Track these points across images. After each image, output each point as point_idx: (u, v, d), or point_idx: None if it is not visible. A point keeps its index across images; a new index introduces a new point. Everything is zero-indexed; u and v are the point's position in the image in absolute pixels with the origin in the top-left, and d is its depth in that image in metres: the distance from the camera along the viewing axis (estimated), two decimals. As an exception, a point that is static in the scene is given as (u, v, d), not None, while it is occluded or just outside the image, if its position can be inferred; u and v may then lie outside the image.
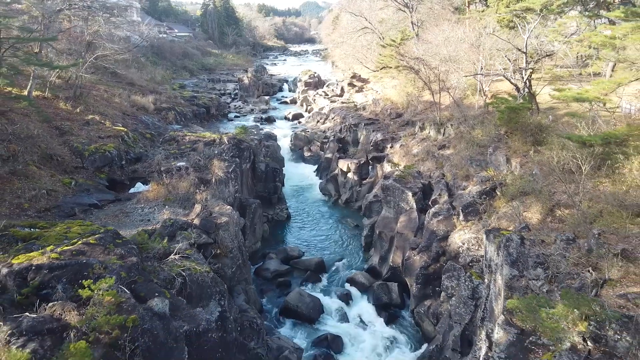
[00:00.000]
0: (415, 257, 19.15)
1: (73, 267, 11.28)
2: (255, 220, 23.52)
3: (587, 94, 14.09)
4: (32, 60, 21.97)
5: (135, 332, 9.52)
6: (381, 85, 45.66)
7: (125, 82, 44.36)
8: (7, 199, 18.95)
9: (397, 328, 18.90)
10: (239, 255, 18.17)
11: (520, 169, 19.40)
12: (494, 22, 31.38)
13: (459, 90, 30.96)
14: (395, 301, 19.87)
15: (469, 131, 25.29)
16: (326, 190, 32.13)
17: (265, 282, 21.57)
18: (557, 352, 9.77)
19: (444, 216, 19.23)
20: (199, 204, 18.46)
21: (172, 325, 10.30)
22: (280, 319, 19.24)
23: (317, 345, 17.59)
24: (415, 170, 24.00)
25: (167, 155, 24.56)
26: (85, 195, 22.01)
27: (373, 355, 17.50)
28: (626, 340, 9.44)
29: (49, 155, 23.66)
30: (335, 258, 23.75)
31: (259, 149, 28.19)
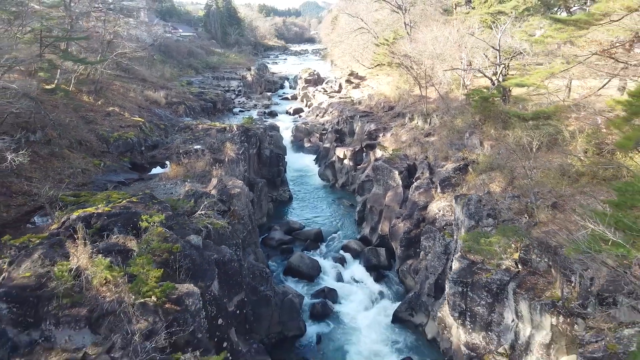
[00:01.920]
0: (399, 224, 22.41)
1: (125, 215, 14.51)
2: (261, 197, 26.77)
3: (526, 80, 17.32)
4: (68, 56, 25.15)
5: (179, 256, 12.76)
6: (376, 82, 48.94)
7: (137, 79, 47.61)
8: (50, 175, 22.13)
9: (384, 284, 22.17)
10: (249, 222, 21.39)
11: (491, 150, 22.67)
12: (477, 23, 34.63)
13: (445, 85, 34.19)
14: (383, 263, 23.13)
15: (451, 120, 28.53)
16: (324, 175, 35.39)
17: (271, 249, 24.83)
18: (494, 271, 13.03)
19: (424, 189, 22.49)
20: (215, 178, 21.67)
21: (205, 254, 13.56)
22: (284, 277, 22.48)
23: (316, 296, 20.87)
24: (402, 154, 27.26)
25: (184, 140, 27.77)
26: (114, 175, 25.20)
27: (363, 305, 20.77)
28: (545, 261, 12.70)
29: (78, 141, 26.84)
30: (332, 230, 27.05)
31: (264, 137, 31.42)
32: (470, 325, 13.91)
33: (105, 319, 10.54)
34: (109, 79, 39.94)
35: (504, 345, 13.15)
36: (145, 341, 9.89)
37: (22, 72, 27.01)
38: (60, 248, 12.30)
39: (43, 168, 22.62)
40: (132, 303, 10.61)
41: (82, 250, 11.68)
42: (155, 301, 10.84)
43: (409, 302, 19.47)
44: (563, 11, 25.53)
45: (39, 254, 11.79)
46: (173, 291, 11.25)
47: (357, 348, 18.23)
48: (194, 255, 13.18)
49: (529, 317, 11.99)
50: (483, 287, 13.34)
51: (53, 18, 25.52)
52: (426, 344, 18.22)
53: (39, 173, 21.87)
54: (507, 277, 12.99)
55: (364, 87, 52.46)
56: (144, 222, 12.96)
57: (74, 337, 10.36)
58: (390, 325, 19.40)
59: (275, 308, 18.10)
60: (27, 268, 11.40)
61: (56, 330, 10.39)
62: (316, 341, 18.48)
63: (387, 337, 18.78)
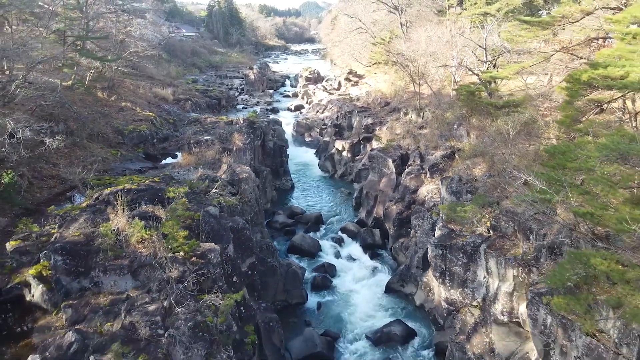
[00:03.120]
0: (392, 207, 24.64)
1: (151, 190, 16.75)
2: (266, 184, 29.00)
3: (500, 74, 19.53)
4: (88, 54, 27.38)
5: (201, 222, 14.99)
6: (374, 80, 51.17)
7: (146, 76, 49.85)
8: (74, 163, 24.34)
9: (378, 261, 24.42)
10: (255, 204, 23.60)
11: (476, 139, 24.89)
12: (468, 24, 36.84)
13: (437, 82, 36.43)
14: (378, 242, 25.37)
15: (442, 114, 30.77)
16: (324, 167, 37.64)
17: (275, 231, 27.06)
18: (469, 236, 15.27)
19: (415, 175, 24.73)
20: (225, 164, 23.89)
21: (221, 222, 15.80)
22: (287, 255, 24.68)
23: (317, 270, 23.11)
24: (396, 144, 29.50)
25: (194, 132, 29.99)
26: (130, 163, 27.43)
27: (359, 278, 23.00)
28: (511, 227, 14.93)
29: (96, 133, 29.06)
30: (331, 214, 29.31)
31: (268, 129, 33.62)
32: (449, 283, 16.15)
33: (143, 268, 12.77)
34: (120, 76, 42.20)
35: (477, 299, 15.40)
36: (177, 284, 12.11)
37: (46, 69, 29.24)
38: (101, 214, 14.53)
39: (67, 156, 24.89)
40: (165, 256, 12.84)
41: (120, 215, 13.92)
42: (183, 255, 13.08)
43: (400, 274, 21.70)
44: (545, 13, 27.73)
45: (84, 218, 14.05)
46: (198, 248, 13.49)
47: (352, 314, 20.46)
48: (213, 223, 15.42)
49: (496, 272, 14.20)
50: (459, 249, 15.58)
51: (75, 19, 27.71)
52: (415, 309, 20.45)
53: (64, 160, 24.14)
54: (479, 240, 15.22)
55: (362, 85, 54.66)
56: (171, 193, 15.21)
57: (118, 282, 12.60)
58: (383, 295, 21.62)
59: (280, 278, 20.33)
60: (75, 229, 13.65)
61: (104, 277, 12.62)
62: (317, 308, 20.72)
63: (380, 305, 21.02)
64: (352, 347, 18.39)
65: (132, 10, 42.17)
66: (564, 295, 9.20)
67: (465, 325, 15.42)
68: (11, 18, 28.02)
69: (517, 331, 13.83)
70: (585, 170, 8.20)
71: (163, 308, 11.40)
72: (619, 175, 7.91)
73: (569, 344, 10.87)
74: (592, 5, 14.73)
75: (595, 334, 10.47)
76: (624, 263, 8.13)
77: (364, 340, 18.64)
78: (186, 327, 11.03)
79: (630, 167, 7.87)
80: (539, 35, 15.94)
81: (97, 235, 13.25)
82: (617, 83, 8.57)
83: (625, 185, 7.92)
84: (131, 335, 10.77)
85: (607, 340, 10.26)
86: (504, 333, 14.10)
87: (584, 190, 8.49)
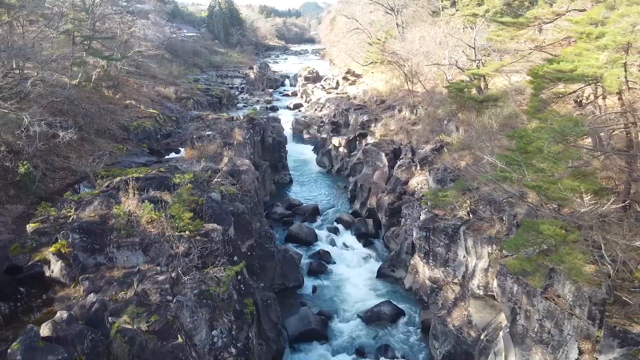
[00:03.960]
0: (384, 198, 26.01)
1: (158, 178, 18.14)
2: (265, 178, 30.38)
3: (481, 71, 20.89)
4: (96, 53, 28.77)
5: (204, 206, 16.37)
6: (371, 79, 52.53)
7: (149, 76, 51.28)
8: (83, 156, 25.72)
9: (371, 249, 25.80)
10: (255, 195, 24.95)
11: (464, 133, 26.26)
12: (460, 24, 38.21)
13: (431, 80, 37.81)
14: (371, 231, 26.75)
15: (434, 110, 32.15)
16: (322, 162, 39.04)
17: (274, 222, 28.43)
18: (450, 219, 16.65)
19: (406, 167, 26.10)
20: (226, 157, 25.27)
21: (223, 206, 17.18)
22: (285, 243, 26.04)
23: (313, 257, 24.49)
24: (390, 139, 30.88)
25: (196, 128, 31.39)
26: (136, 157, 28.79)
27: (353, 264, 24.38)
28: (488, 210, 16.30)
29: (102, 129, 30.44)
30: (327, 206, 30.70)
31: (267, 126, 35.02)
32: (433, 263, 17.53)
33: (153, 245, 14.15)
34: (125, 75, 43.63)
35: (458, 277, 16.77)
36: (183, 258, 13.49)
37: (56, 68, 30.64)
38: (114, 198, 15.91)
39: (77, 150, 26.31)
40: (172, 234, 14.22)
41: (131, 198, 15.31)
42: (189, 234, 14.47)
43: (391, 260, 23.08)
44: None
45: (98, 202, 15.45)
46: (202, 227, 14.88)
47: (346, 296, 21.84)
48: (215, 207, 16.80)
49: (474, 251, 15.57)
50: (441, 231, 16.95)
51: (82, 20, 29.12)
52: (404, 292, 21.81)
53: (74, 153, 25.55)
54: (459, 222, 16.60)
55: (360, 84, 56.01)
56: (177, 179, 16.61)
57: (130, 258, 13.98)
58: (375, 279, 22.99)
59: (278, 262, 21.70)
60: (91, 211, 15.05)
61: (117, 253, 14.01)
62: (312, 291, 22.09)
63: (372, 288, 22.39)
64: (345, 325, 19.76)
65: (136, 12, 43.56)
66: (517, 259, 10.56)
67: (446, 301, 16.80)
68: (22, 19, 29.49)
69: (492, 304, 15.19)
70: (536, 150, 9.55)
71: (171, 278, 12.77)
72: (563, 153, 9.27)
73: (532, 308, 12.24)
74: (563, 7, 16.09)
75: (554, 299, 11.86)
76: (566, 228, 9.47)
77: (356, 319, 20.01)
78: (192, 295, 12.41)
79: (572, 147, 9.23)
80: (516, 35, 17.31)
81: (111, 216, 14.64)
82: (565, 75, 9.92)
83: (567, 161, 9.28)
84: (143, 301, 12.15)
85: (564, 303, 11.64)
86: (480, 306, 15.46)
87: (537, 169, 9.84)
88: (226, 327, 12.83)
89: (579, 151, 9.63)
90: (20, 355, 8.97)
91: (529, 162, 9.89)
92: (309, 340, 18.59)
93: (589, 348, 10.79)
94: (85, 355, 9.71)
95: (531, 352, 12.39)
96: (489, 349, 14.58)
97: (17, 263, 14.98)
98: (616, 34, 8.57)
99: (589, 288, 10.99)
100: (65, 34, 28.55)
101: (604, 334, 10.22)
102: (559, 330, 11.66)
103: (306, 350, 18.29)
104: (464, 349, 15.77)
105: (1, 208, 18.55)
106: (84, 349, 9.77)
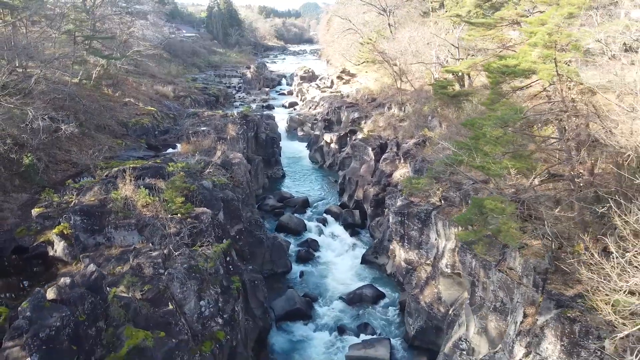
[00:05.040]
0: (370, 190, 27.38)
1: (154, 168, 19.50)
2: (258, 171, 31.76)
3: (455, 68, 22.27)
4: (97, 52, 30.14)
5: (195, 193, 17.73)
6: (365, 78, 53.94)
7: (148, 75, 52.64)
8: (84, 150, 27.03)
9: (357, 238, 27.17)
10: (247, 187, 26.31)
11: (446, 129, 27.62)
12: (449, 24, 39.53)
13: (420, 79, 39.17)
14: (357, 222, 28.11)
15: (420, 107, 33.54)
16: (314, 158, 40.43)
17: (265, 213, 29.80)
18: (423, 204, 18.01)
19: (390, 160, 27.47)
20: (219, 151, 26.62)
21: (213, 193, 18.55)
22: (276, 233, 27.39)
23: (301, 245, 25.87)
24: (377, 135, 32.26)
25: (192, 123, 32.76)
26: (134, 151, 30.09)
27: (339, 252, 25.74)
28: (458, 197, 17.65)
29: (102, 125, 31.77)
30: (317, 199, 32.09)
31: (261, 122, 36.41)
32: (408, 246, 18.89)
33: (147, 226, 15.51)
34: (124, 74, 45.00)
35: (430, 258, 18.13)
36: (175, 236, 14.86)
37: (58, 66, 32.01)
38: (112, 185, 17.27)
39: (78, 144, 27.65)
40: (165, 217, 15.59)
41: (128, 185, 16.68)
42: (180, 216, 15.83)
43: (374, 247, 24.44)
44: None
45: (98, 188, 16.82)
46: (192, 211, 16.26)
47: (331, 280, 23.19)
48: (206, 193, 18.18)
49: (443, 233, 16.91)
50: (415, 216, 18.31)
51: (83, 20, 30.51)
52: (385, 277, 23.16)
53: (75, 147, 26.91)
54: (431, 207, 17.96)
55: (354, 83, 57.39)
56: (170, 167, 17.96)
57: (127, 237, 15.35)
58: (359, 266, 24.35)
59: (267, 249, 23.05)
60: (91, 195, 16.42)
61: (115, 233, 15.38)
62: (299, 276, 23.46)
63: (356, 274, 23.75)
64: (328, 306, 21.12)
65: (135, 13, 44.97)
66: (465, 230, 11.93)
67: (419, 281, 18.16)
68: (25, 20, 30.87)
69: (459, 281, 16.53)
70: (481, 135, 10.88)
71: (163, 254, 14.13)
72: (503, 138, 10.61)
73: (488, 280, 13.61)
74: (526, 9, 17.46)
75: (506, 271, 13.23)
76: (506, 202, 10.79)
77: (339, 301, 21.37)
78: (182, 268, 13.76)
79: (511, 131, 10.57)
80: (485, 35, 18.66)
81: (109, 200, 16.00)
82: (510, 70, 11.26)
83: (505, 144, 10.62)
84: (138, 273, 13.50)
85: (514, 274, 13.01)
86: (448, 284, 16.82)
87: (484, 152, 11.17)
88: (213, 299, 14.20)
89: (515, 135, 10.98)
90: (29, 312, 10.32)
91: (478, 146, 11.24)
92: (294, 319, 19.95)
93: (532, 312, 12.14)
94: (86, 315, 11.06)
95: (487, 320, 13.75)
96: (455, 322, 15.94)
97: (23, 244, 16.32)
98: (544, 33, 9.92)
99: (534, 260, 12.36)
100: (67, 34, 29.92)
101: (544, 298, 11.57)
102: (510, 299, 13.02)
103: (291, 328, 19.64)
104: (434, 324, 17.12)
105: (8, 196, 19.93)
106: (85, 309, 11.11)
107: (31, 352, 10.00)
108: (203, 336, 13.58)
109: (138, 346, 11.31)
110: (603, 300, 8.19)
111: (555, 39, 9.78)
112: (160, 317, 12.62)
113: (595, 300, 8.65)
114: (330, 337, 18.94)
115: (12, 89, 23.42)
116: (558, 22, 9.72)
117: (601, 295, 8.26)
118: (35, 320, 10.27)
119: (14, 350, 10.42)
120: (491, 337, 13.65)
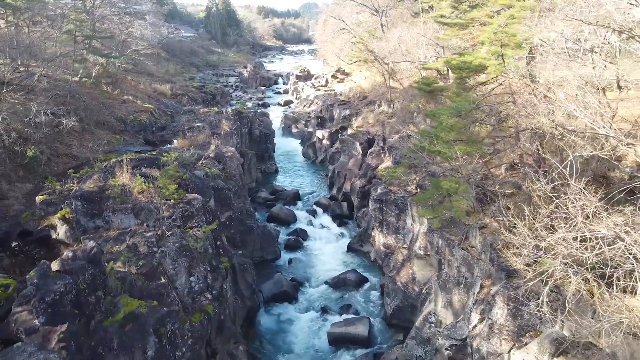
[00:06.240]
0: (357, 182, 28.73)
1: (149, 159, 20.84)
2: (251, 165, 33.11)
3: (432, 65, 23.60)
4: (97, 51, 31.47)
5: (188, 181, 19.07)
6: (358, 77, 55.30)
7: (146, 73, 53.98)
8: (84, 144, 28.37)
9: (344, 228, 28.52)
10: (239, 180, 27.65)
11: (430, 123, 28.95)
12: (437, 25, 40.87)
13: (410, 77, 40.51)
14: (345, 213, 29.47)
15: (408, 104, 34.88)
16: (307, 154, 41.79)
17: (258, 205, 31.16)
18: (400, 192, 19.35)
19: (376, 154, 28.83)
20: (213, 145, 27.96)
21: (205, 182, 19.90)
22: (267, 223, 28.73)
23: (291, 234, 27.21)
24: (365, 130, 33.61)
25: (188, 120, 34.11)
26: (132, 146, 31.40)
27: (327, 241, 27.09)
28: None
29: (101, 121, 33.08)
30: (308, 192, 33.46)
31: (255, 119, 37.77)
32: (386, 231, 20.23)
33: (143, 210, 16.84)
34: (123, 73, 46.35)
35: (406, 242, 19.47)
36: (168, 219, 16.20)
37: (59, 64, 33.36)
38: (110, 174, 18.60)
39: (78, 139, 28.97)
40: (159, 202, 16.92)
41: (125, 173, 18.01)
42: (173, 201, 17.17)
43: (359, 236, 25.79)
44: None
45: (97, 176, 18.17)
46: (185, 197, 17.59)
47: (318, 267, 24.55)
48: (198, 182, 19.52)
49: (417, 217, 18.25)
50: (392, 202, 19.65)
51: (83, 21, 31.85)
52: (369, 263, 24.50)
53: (76, 141, 28.25)
54: (407, 195, 19.31)
55: (347, 82, 58.73)
56: (165, 157, 19.30)
57: (124, 220, 16.68)
58: (345, 253, 25.69)
59: (257, 237, 24.39)
60: (91, 183, 17.76)
61: (113, 217, 16.71)
62: (288, 262, 24.81)
63: (342, 260, 25.09)
64: (314, 289, 22.47)
65: (134, 13, 46.31)
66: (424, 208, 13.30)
67: (396, 263, 19.50)
68: (27, 20, 32.25)
69: (431, 262, 17.87)
70: (439, 124, 12.21)
71: (157, 235, 15.46)
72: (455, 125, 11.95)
73: (452, 257, 14.95)
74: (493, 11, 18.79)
75: (467, 248, 14.58)
76: (459, 183, 12.11)
77: (324, 285, 22.71)
78: (174, 247, 15.10)
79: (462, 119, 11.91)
80: (459, 34, 20.00)
81: (108, 187, 17.33)
82: (466, 65, 12.60)
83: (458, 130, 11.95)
84: (133, 251, 14.84)
85: (475, 251, 14.37)
86: (422, 265, 18.16)
87: (443, 140, 12.50)
88: (202, 275, 15.53)
89: (466, 122, 12.33)
90: (36, 279, 11.64)
91: (437, 134, 12.60)
92: (282, 301, 21.29)
93: (488, 284, 13.50)
94: (86, 284, 12.38)
95: (452, 294, 15.10)
96: (427, 299, 17.28)
97: (27, 228, 17.67)
98: (489, 32, 11.26)
99: (491, 237, 13.72)
100: (67, 33, 31.26)
101: (496, 270, 12.93)
102: (471, 274, 14.38)
103: (278, 309, 20.98)
104: (409, 302, 18.46)
105: (13, 185, 21.28)
106: (85, 279, 12.43)
107: (38, 315, 11.34)
108: (193, 309, 14.92)
109: (133, 312, 12.65)
110: (515, 254, 9.73)
111: (499, 37, 11.12)
112: (153, 289, 13.95)
113: (507, 254, 10.16)
114: (314, 317, 20.28)
115: (16, 86, 24.78)
116: (501, 22, 11.06)
117: (512, 249, 9.79)
118: (42, 287, 11.60)
119: (23, 314, 11.75)
120: (455, 310, 15.00)
